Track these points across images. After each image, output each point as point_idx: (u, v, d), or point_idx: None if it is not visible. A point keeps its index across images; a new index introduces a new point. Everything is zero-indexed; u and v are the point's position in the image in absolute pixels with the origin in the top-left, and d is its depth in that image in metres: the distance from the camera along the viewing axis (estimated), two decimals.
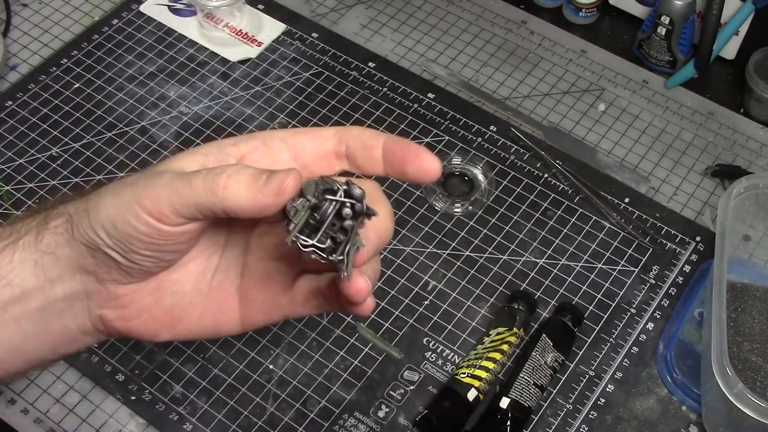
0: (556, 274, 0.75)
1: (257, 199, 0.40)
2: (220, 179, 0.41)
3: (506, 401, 0.65)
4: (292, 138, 0.45)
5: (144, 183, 0.42)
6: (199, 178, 0.41)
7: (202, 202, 0.41)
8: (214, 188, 0.41)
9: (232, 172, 0.41)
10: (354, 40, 0.91)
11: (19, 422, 0.68)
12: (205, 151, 0.44)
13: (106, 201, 0.43)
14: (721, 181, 0.81)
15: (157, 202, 0.42)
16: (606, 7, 0.94)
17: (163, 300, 0.47)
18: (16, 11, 0.94)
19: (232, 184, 0.41)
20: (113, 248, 0.44)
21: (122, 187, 0.43)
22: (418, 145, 0.43)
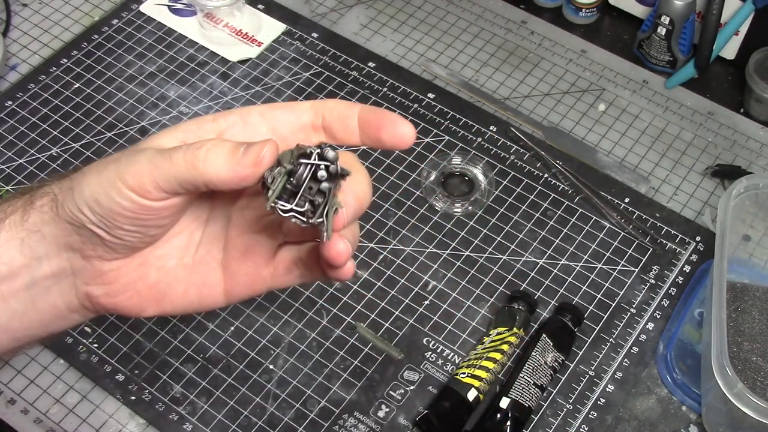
0: (556, 274, 0.75)
1: (236, 170, 0.41)
2: (199, 153, 0.42)
3: (506, 401, 0.65)
4: (269, 112, 0.46)
5: (126, 160, 0.43)
6: (179, 152, 0.42)
7: (183, 176, 0.42)
8: (194, 162, 0.42)
9: (211, 146, 0.42)
10: (354, 40, 0.91)
11: (19, 422, 0.68)
12: (185, 128, 0.45)
13: (90, 179, 0.44)
14: (721, 181, 0.81)
15: (139, 177, 0.43)
16: (606, 7, 0.94)
17: (148, 275, 0.48)
18: (16, 11, 0.94)
19: (211, 157, 0.42)
20: (97, 225, 0.45)
21: (105, 164, 0.44)
22: (392, 112, 0.44)
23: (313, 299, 0.73)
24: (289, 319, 0.72)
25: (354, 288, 0.74)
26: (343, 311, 0.73)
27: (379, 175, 0.80)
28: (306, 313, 0.73)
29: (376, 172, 0.80)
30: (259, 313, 0.73)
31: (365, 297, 0.73)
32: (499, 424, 0.65)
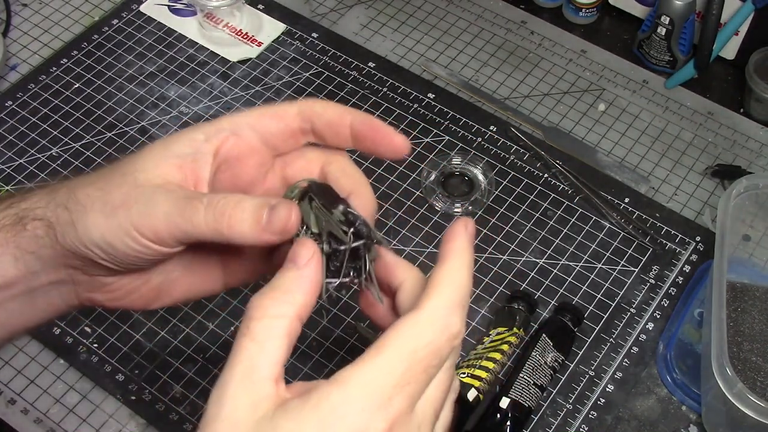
0: (556, 274, 0.75)
1: (262, 237, 0.42)
2: (222, 219, 0.42)
3: (506, 401, 0.65)
4: (258, 124, 0.46)
5: (138, 209, 0.43)
6: (200, 214, 0.42)
7: (204, 235, 0.42)
8: (217, 227, 0.42)
9: (232, 211, 0.42)
10: (354, 40, 0.91)
11: (19, 422, 0.68)
12: (179, 152, 0.44)
13: (96, 220, 0.43)
14: (721, 181, 0.81)
15: (157, 231, 0.43)
16: (606, 7, 0.94)
17: (151, 281, 0.48)
18: (16, 11, 0.94)
19: (235, 223, 0.42)
20: (107, 260, 0.45)
21: (111, 206, 0.43)
22: (385, 125, 0.45)
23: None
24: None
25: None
26: (343, 311, 0.73)
27: (379, 175, 0.80)
28: None
29: (376, 172, 0.80)
30: None
31: None
32: (499, 424, 0.65)
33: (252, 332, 0.38)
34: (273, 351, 0.38)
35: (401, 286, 0.44)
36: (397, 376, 0.37)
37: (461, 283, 0.40)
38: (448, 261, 0.41)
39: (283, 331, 0.39)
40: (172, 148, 0.44)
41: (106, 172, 0.45)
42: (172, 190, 0.43)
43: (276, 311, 0.39)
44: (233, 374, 0.38)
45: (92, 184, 0.45)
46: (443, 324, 0.39)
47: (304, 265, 0.40)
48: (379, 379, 0.37)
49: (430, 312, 0.39)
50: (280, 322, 0.39)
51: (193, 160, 0.44)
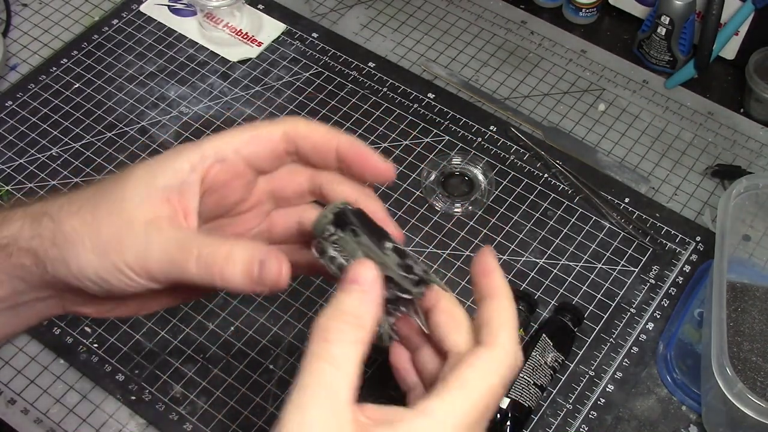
0: (556, 274, 0.75)
1: (255, 289, 0.43)
2: (214, 271, 0.43)
3: (506, 401, 0.65)
4: (243, 149, 0.46)
5: (131, 252, 0.43)
6: (191, 266, 0.43)
7: (197, 281, 0.43)
8: (209, 279, 0.43)
9: (223, 265, 0.43)
10: (354, 40, 0.91)
11: (19, 422, 0.68)
12: (165, 184, 0.44)
13: (90, 260, 0.44)
14: (721, 181, 0.81)
15: (151, 273, 0.44)
16: (606, 7, 0.94)
17: (141, 292, 0.48)
18: (16, 11, 0.94)
19: (227, 276, 0.43)
20: (100, 292, 0.45)
21: (103, 245, 0.44)
22: (371, 151, 0.46)
23: (313, 299, 0.73)
24: (289, 319, 0.72)
25: None
26: None
27: None
28: (306, 313, 0.73)
29: None
30: (259, 313, 0.73)
31: None
32: (499, 424, 0.65)
33: (332, 357, 0.39)
34: (351, 375, 0.39)
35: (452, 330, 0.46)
36: (480, 410, 0.40)
37: (515, 317, 0.44)
38: (501, 297, 0.44)
39: (360, 357, 0.40)
40: (158, 180, 0.44)
41: (90, 198, 0.45)
42: (163, 232, 0.43)
43: (352, 336, 0.40)
44: (315, 398, 0.38)
45: (77, 214, 0.45)
46: (514, 360, 0.43)
47: (370, 288, 0.41)
48: (464, 413, 0.40)
49: (504, 349, 0.42)
50: (355, 348, 0.40)
51: (180, 192, 0.44)
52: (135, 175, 0.45)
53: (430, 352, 0.48)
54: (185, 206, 0.45)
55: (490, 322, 0.43)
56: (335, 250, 0.44)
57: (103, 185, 0.45)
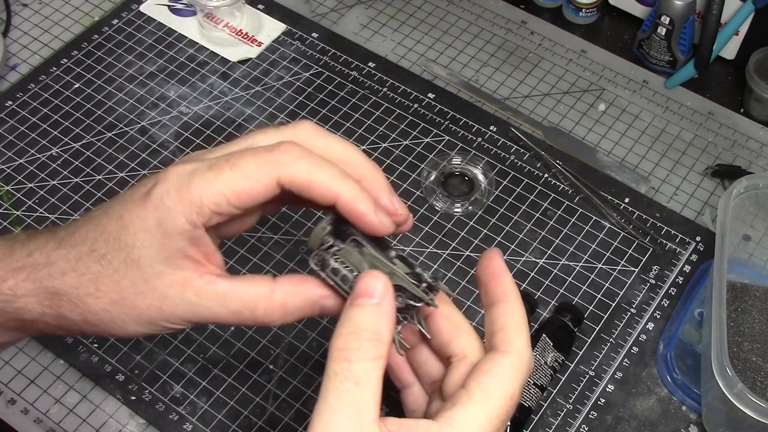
0: (556, 274, 0.75)
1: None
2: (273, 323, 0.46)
3: None
4: (236, 200, 0.44)
5: (175, 312, 0.45)
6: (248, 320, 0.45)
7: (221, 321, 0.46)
8: (270, 324, 0.46)
9: (283, 319, 0.45)
10: (354, 40, 0.91)
11: (19, 422, 0.68)
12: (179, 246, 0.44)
13: (132, 327, 0.46)
14: (721, 181, 0.81)
15: (196, 321, 0.46)
16: (606, 7, 0.94)
17: None
18: (16, 11, 0.94)
19: (288, 322, 0.46)
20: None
21: (144, 315, 0.45)
22: (370, 209, 0.44)
23: None
24: None
25: None
26: None
27: None
28: None
29: None
30: None
31: None
32: None
33: (355, 377, 0.39)
34: (375, 393, 0.40)
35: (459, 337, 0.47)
36: (502, 418, 0.41)
37: (527, 322, 0.44)
38: (512, 301, 0.45)
39: (381, 372, 0.40)
40: (170, 246, 0.44)
41: (105, 277, 0.45)
42: (201, 294, 0.44)
43: (372, 353, 0.40)
44: (342, 418, 0.39)
45: (102, 296, 0.45)
46: (529, 365, 0.43)
47: (383, 300, 0.42)
48: (488, 421, 0.41)
49: (520, 356, 0.43)
50: (377, 364, 0.40)
51: (194, 245, 0.44)
52: (140, 246, 0.44)
53: (427, 352, 0.48)
54: (204, 253, 0.45)
55: (504, 328, 0.44)
56: (337, 262, 0.44)
57: (109, 259, 0.44)
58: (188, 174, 0.43)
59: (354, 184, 0.44)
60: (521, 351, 0.43)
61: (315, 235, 0.45)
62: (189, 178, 0.43)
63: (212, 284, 0.44)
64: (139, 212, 0.44)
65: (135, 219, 0.44)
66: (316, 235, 0.44)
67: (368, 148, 0.82)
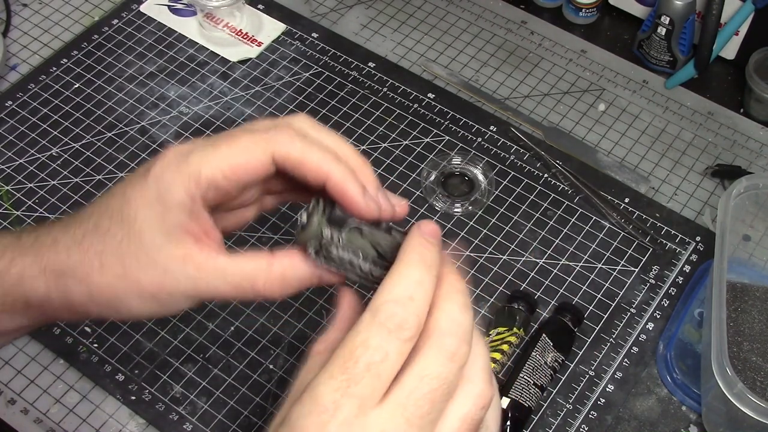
0: (556, 274, 0.75)
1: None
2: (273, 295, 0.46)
3: (506, 401, 0.65)
4: (232, 175, 0.45)
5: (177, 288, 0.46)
6: (248, 293, 0.46)
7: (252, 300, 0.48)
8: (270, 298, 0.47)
9: (282, 291, 0.46)
10: (354, 40, 0.91)
11: (19, 422, 0.68)
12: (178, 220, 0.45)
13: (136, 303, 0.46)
14: (721, 181, 0.81)
15: (201, 298, 0.47)
16: (606, 7, 0.94)
17: None
18: (16, 11, 0.94)
19: (287, 293, 0.47)
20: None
21: (147, 290, 0.46)
22: (358, 193, 0.45)
23: (313, 299, 0.73)
24: (289, 319, 0.72)
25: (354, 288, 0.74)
26: None
27: (379, 175, 0.80)
28: (306, 313, 0.73)
29: (376, 173, 0.80)
30: (259, 313, 0.73)
31: (365, 297, 0.73)
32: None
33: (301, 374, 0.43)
34: None
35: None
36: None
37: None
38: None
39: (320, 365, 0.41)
40: (170, 219, 0.45)
41: (108, 252, 0.46)
42: (201, 268, 0.45)
43: (315, 349, 0.43)
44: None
45: (106, 270, 0.46)
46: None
47: (338, 306, 0.45)
48: None
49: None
50: (317, 358, 0.43)
51: (193, 220, 0.45)
52: (142, 219, 0.45)
53: None
54: (203, 228, 0.46)
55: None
56: (343, 250, 0.44)
57: (112, 234, 0.46)
58: (187, 150, 0.45)
59: (344, 166, 0.45)
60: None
61: (309, 229, 0.45)
62: (188, 154, 0.45)
63: (212, 259, 0.45)
64: (141, 188, 0.45)
65: (136, 194, 0.45)
66: (311, 230, 0.45)
67: (368, 148, 0.82)
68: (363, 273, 0.45)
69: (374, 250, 0.45)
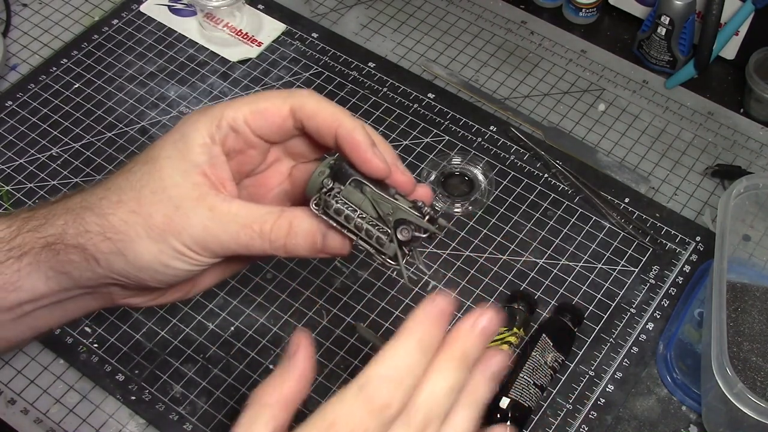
0: (556, 274, 0.75)
1: (318, 256, 0.47)
2: (278, 246, 0.46)
3: (506, 401, 0.65)
4: (252, 122, 0.48)
5: (189, 233, 0.46)
6: (256, 242, 0.46)
7: (259, 253, 0.46)
8: (274, 252, 0.46)
9: (286, 241, 0.46)
10: (354, 40, 0.91)
11: (19, 422, 0.68)
12: (197, 161, 0.47)
13: (149, 247, 0.46)
14: (721, 181, 0.81)
15: (210, 248, 0.46)
16: (606, 7, 0.94)
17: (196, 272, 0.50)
18: (16, 11, 0.94)
19: (291, 249, 0.46)
20: (156, 282, 0.48)
21: (158, 231, 0.46)
22: (368, 144, 0.46)
23: (313, 299, 0.73)
24: (289, 319, 0.72)
25: (354, 288, 0.74)
26: (343, 311, 0.73)
27: None
28: (306, 313, 0.73)
29: None
30: (259, 313, 0.73)
31: (365, 297, 0.73)
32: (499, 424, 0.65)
33: (239, 422, 0.42)
34: None
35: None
36: None
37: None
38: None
39: (267, 419, 0.41)
40: (189, 158, 0.46)
41: (127, 186, 0.47)
42: (216, 210, 0.46)
43: (264, 400, 0.41)
44: None
45: (121, 205, 0.46)
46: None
47: (294, 355, 0.42)
48: None
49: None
50: (265, 411, 0.41)
51: (212, 165, 0.47)
52: (165, 156, 0.47)
53: None
54: (220, 176, 0.47)
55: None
56: (339, 203, 0.45)
57: (134, 172, 0.47)
58: (215, 104, 0.48)
59: (357, 121, 0.47)
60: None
61: (313, 180, 0.46)
62: (216, 104, 0.48)
63: (226, 201, 0.46)
64: (169, 131, 0.48)
65: (165, 136, 0.48)
66: (315, 181, 0.46)
67: None
68: (358, 232, 0.45)
69: (374, 210, 0.45)
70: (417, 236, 0.45)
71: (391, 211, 0.45)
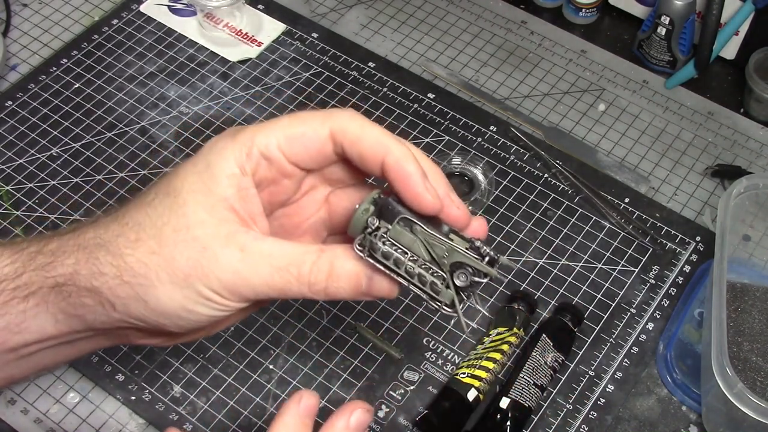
0: (556, 274, 0.75)
1: (361, 298, 0.42)
2: (319, 290, 0.41)
3: (506, 401, 0.65)
4: (288, 149, 0.43)
5: (214, 271, 0.41)
6: (293, 288, 0.41)
7: (296, 297, 0.42)
8: (314, 297, 0.41)
9: (327, 284, 0.41)
10: (354, 40, 0.91)
11: (19, 422, 0.68)
12: (224, 194, 0.42)
13: (168, 290, 0.41)
14: (721, 181, 0.81)
15: (241, 293, 0.41)
16: (606, 7, 0.94)
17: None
18: (16, 11, 0.94)
19: (333, 292, 0.42)
20: (177, 328, 0.43)
21: (183, 275, 0.41)
22: (420, 177, 0.41)
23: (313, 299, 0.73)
24: (289, 319, 0.72)
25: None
26: (343, 311, 0.73)
27: None
28: (306, 313, 0.73)
29: None
30: (259, 313, 0.73)
31: None
32: (499, 424, 0.65)
33: None
34: None
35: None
36: None
37: None
38: None
39: None
40: (216, 191, 0.41)
41: (146, 222, 0.42)
42: (248, 252, 0.41)
43: None
44: None
45: (139, 244, 0.41)
46: None
47: None
48: None
49: None
50: None
51: (241, 198, 0.42)
52: (188, 189, 0.41)
53: None
54: (250, 211, 0.42)
55: None
56: (387, 245, 0.41)
57: (154, 206, 0.42)
58: (245, 127, 0.43)
59: (406, 147, 0.42)
60: None
61: (357, 218, 0.41)
62: (245, 127, 0.43)
63: (258, 240, 0.41)
64: (193, 158, 0.42)
65: (187, 164, 0.42)
66: (358, 219, 0.41)
67: None
68: (410, 278, 0.41)
69: (427, 252, 0.41)
70: (476, 281, 0.41)
71: (446, 253, 0.41)
